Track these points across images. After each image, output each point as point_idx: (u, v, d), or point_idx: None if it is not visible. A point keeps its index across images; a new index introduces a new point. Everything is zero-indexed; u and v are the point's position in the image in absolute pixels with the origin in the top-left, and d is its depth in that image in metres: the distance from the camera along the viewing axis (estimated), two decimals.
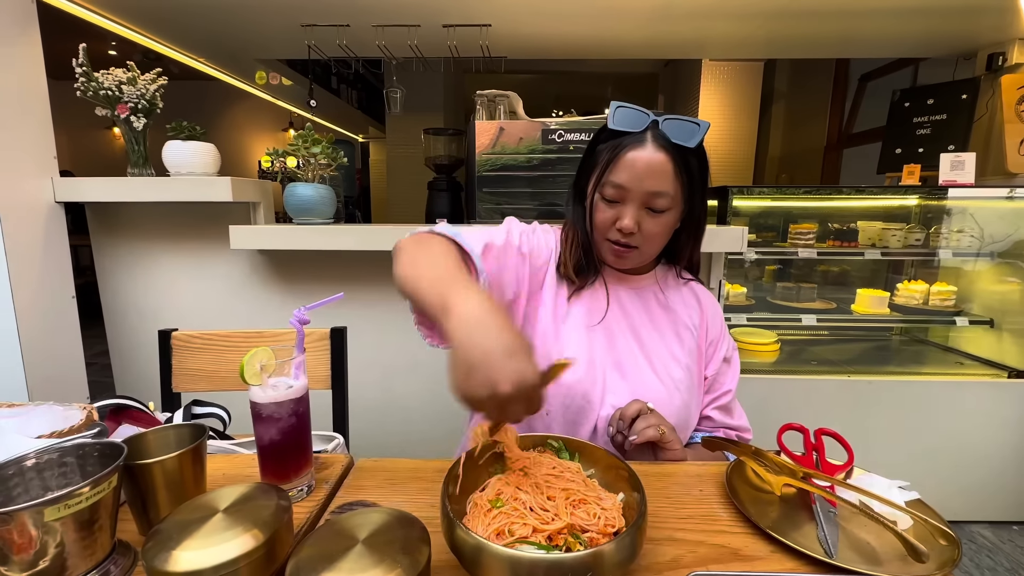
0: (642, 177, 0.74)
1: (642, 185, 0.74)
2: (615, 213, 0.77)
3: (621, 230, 0.76)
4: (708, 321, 0.90)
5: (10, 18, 1.39)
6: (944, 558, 0.50)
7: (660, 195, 0.74)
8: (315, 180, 1.59)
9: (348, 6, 1.82)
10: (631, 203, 0.75)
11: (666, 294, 0.89)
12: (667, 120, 0.75)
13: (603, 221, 0.78)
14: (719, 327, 0.92)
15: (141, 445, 0.57)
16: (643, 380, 0.81)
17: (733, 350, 0.93)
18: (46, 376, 1.48)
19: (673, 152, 0.74)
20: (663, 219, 0.77)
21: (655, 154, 0.73)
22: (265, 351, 0.59)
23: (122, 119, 1.51)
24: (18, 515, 0.40)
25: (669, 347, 0.85)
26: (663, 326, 0.87)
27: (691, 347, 0.87)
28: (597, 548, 0.43)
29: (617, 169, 0.75)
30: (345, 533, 0.44)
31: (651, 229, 0.77)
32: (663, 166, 0.74)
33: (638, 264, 0.84)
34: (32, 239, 1.45)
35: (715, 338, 0.91)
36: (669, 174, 0.74)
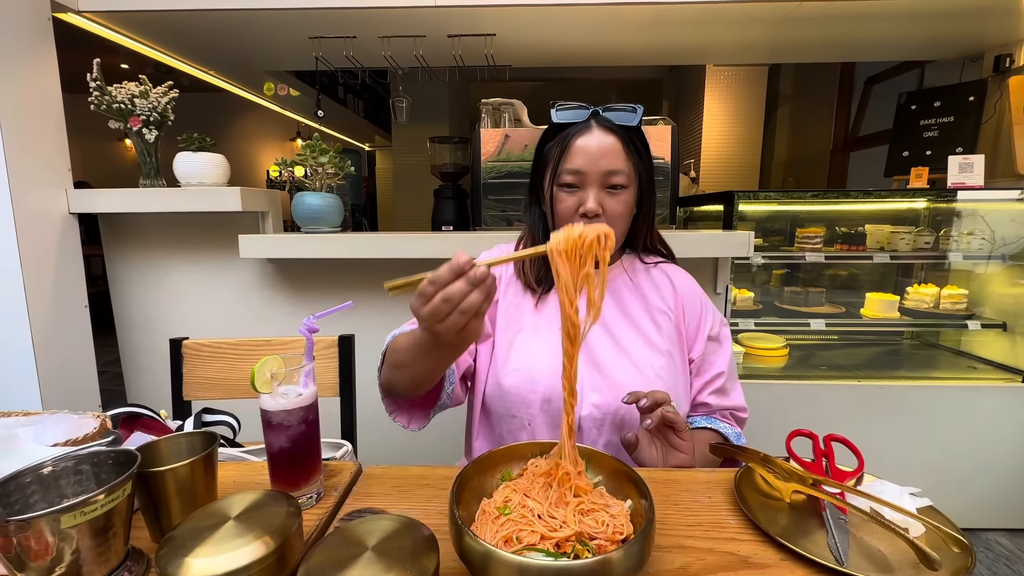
0: (596, 158, 0.77)
1: (598, 166, 0.77)
2: (576, 199, 0.79)
3: (586, 213, 0.78)
4: (684, 301, 0.89)
5: (28, 35, 1.43)
6: (957, 566, 0.50)
7: (616, 172, 0.78)
8: (323, 189, 1.61)
9: (355, 18, 1.85)
10: (591, 186, 0.78)
11: (635, 280, 0.89)
12: (606, 109, 0.81)
13: (566, 210, 0.80)
14: (698, 306, 0.90)
15: (154, 453, 0.58)
16: (621, 373, 0.81)
17: (721, 326, 0.91)
18: (59, 384, 1.50)
19: (619, 133, 0.79)
20: (623, 196, 0.79)
21: (604, 136, 0.79)
22: (275, 359, 0.60)
23: (134, 132, 1.54)
24: (36, 522, 0.41)
25: (645, 335, 0.85)
26: (636, 314, 0.86)
27: (669, 331, 0.86)
28: (605, 555, 0.43)
29: (570, 156, 0.79)
30: (355, 540, 0.45)
31: (614, 207, 0.79)
32: (613, 145, 0.78)
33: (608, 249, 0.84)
34: (47, 249, 1.48)
35: (695, 318, 0.89)
36: (620, 152, 0.79)
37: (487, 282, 0.51)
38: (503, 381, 0.82)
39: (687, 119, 4.36)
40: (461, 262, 0.51)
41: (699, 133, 4.07)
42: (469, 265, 0.51)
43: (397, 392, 0.75)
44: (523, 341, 0.84)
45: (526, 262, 0.88)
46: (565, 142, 0.80)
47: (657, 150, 1.68)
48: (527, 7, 1.70)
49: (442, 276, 0.51)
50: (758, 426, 1.76)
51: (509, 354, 0.84)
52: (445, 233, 1.75)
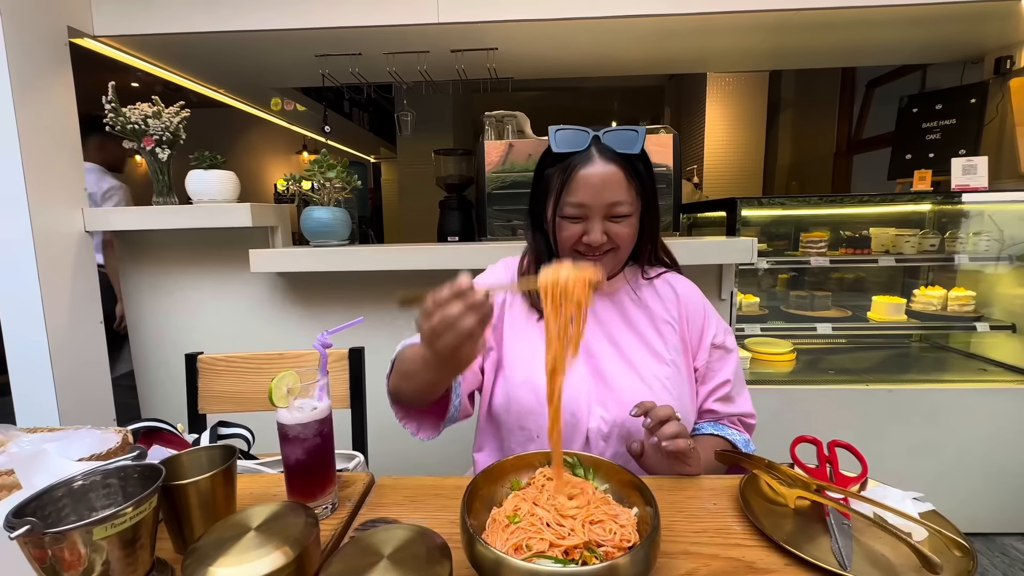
0: (599, 192, 0.77)
1: (601, 199, 0.77)
2: (580, 228, 0.80)
3: (590, 244, 0.79)
4: (688, 311, 0.90)
5: (46, 60, 1.48)
6: (959, 569, 0.51)
7: (619, 204, 0.78)
8: (330, 203, 1.64)
9: (360, 36, 1.89)
10: (594, 217, 0.79)
11: (639, 292, 0.90)
12: (607, 133, 0.80)
13: (569, 238, 0.81)
14: (701, 315, 0.90)
15: (176, 466, 0.60)
16: (628, 385, 0.82)
17: (725, 334, 0.91)
18: (75, 397, 1.53)
19: (621, 162, 0.79)
20: (627, 222, 0.80)
21: (606, 167, 0.78)
22: (291, 375, 0.62)
23: (147, 151, 1.59)
24: (70, 534, 0.43)
25: (650, 346, 0.86)
26: (641, 326, 0.87)
27: (674, 342, 0.87)
28: (612, 561, 0.44)
29: (573, 189, 0.78)
30: (370, 549, 0.46)
31: (619, 233, 0.79)
32: (615, 177, 0.78)
33: (613, 268, 0.85)
34: (63, 267, 1.52)
35: (698, 326, 0.90)
36: (623, 183, 0.78)
37: (484, 307, 0.54)
38: (513, 393, 0.83)
39: (689, 125, 4.38)
40: (462, 285, 0.54)
41: (702, 139, 4.09)
42: (469, 286, 0.54)
43: (404, 400, 0.77)
44: (531, 354, 0.85)
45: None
46: (567, 173, 0.79)
47: (659, 157, 1.70)
48: (528, 22, 1.73)
49: (443, 296, 0.54)
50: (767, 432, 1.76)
51: (516, 367, 0.85)
52: (451, 244, 1.78)
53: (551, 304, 0.56)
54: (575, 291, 0.55)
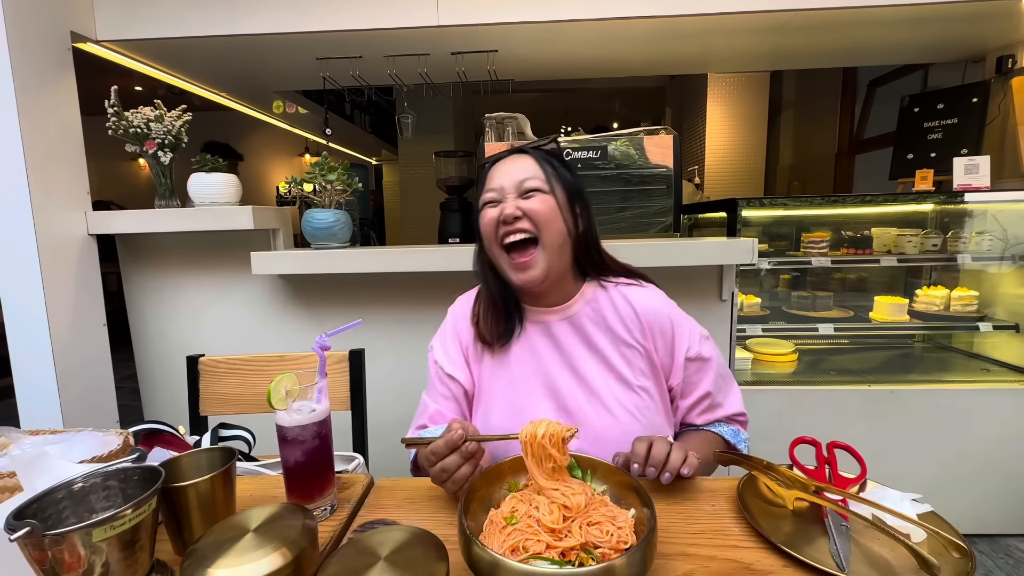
0: (509, 173, 0.82)
1: (511, 178, 0.81)
2: (497, 211, 0.80)
3: (505, 219, 0.79)
4: (653, 330, 0.84)
5: (49, 64, 1.49)
6: (958, 571, 0.50)
7: (529, 179, 0.80)
8: (331, 206, 1.65)
9: (361, 40, 1.90)
10: (507, 196, 0.81)
11: (598, 311, 0.85)
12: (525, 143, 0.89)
13: (489, 222, 0.81)
14: (669, 331, 0.84)
15: (176, 469, 0.61)
16: (592, 418, 0.80)
17: (701, 343, 0.85)
18: (79, 399, 1.54)
19: (532, 152, 0.85)
20: (540, 198, 0.80)
21: (517, 156, 0.85)
22: (290, 377, 0.63)
23: (150, 154, 1.60)
24: (69, 536, 0.44)
25: (616, 371, 0.82)
26: (605, 350, 0.83)
27: (642, 366, 0.83)
28: (609, 563, 0.44)
29: (490, 182, 0.84)
30: (368, 551, 0.47)
31: (533, 207, 0.79)
32: (525, 162, 0.83)
33: (546, 264, 0.80)
34: (67, 270, 1.53)
35: (666, 344, 0.84)
36: (533, 164, 0.82)
37: (476, 457, 0.64)
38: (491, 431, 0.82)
39: (690, 126, 4.38)
40: (454, 438, 0.62)
41: (702, 139, 4.09)
42: (462, 441, 0.62)
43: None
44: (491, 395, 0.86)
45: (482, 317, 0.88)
46: (486, 172, 0.86)
47: (660, 158, 1.70)
48: (528, 24, 1.74)
49: (440, 450, 0.63)
50: (768, 432, 1.76)
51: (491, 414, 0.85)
52: (452, 246, 1.78)
53: (531, 457, 0.60)
54: (549, 446, 0.59)
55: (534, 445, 0.59)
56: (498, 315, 0.87)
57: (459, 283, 0.98)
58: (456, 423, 0.64)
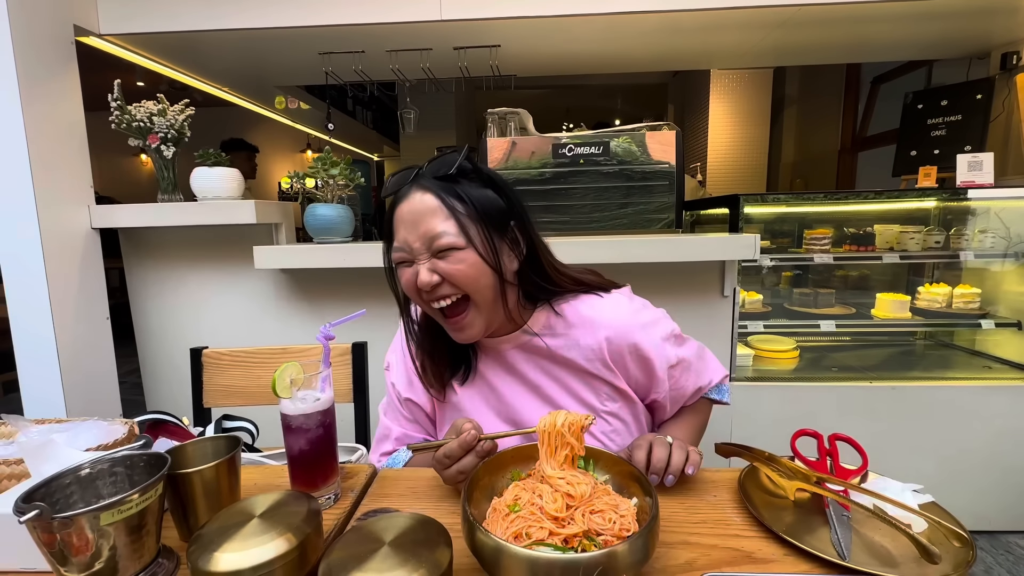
0: (413, 226, 0.67)
1: (417, 233, 0.67)
2: (412, 271, 0.69)
3: (422, 287, 0.68)
4: (616, 349, 0.77)
5: (52, 58, 1.50)
6: (958, 560, 0.51)
7: (438, 236, 0.66)
8: (334, 200, 1.65)
9: (363, 34, 1.90)
10: (419, 257, 0.68)
11: (553, 344, 0.77)
12: (428, 163, 0.72)
13: (407, 285, 0.70)
14: (635, 346, 0.77)
15: (181, 456, 0.61)
16: None
17: (676, 344, 0.80)
18: (82, 393, 1.55)
19: (436, 188, 0.68)
20: (459, 256, 0.67)
21: (419, 196, 0.68)
22: (294, 366, 0.63)
23: (153, 148, 1.60)
24: (77, 519, 0.44)
25: (581, 398, 0.79)
26: (566, 380, 0.79)
27: (607, 391, 0.79)
28: (611, 548, 0.45)
29: (394, 231, 0.70)
30: (372, 536, 0.47)
31: (451, 271, 0.67)
32: (428, 206, 0.67)
33: (485, 321, 0.72)
34: (70, 264, 1.54)
35: (640, 364, 0.78)
36: (439, 212, 0.67)
37: (492, 454, 0.63)
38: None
39: (693, 122, 4.37)
40: (468, 440, 0.61)
41: (705, 136, 4.08)
42: (476, 441, 0.62)
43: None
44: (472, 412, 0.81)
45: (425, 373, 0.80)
46: (389, 216, 0.71)
47: (662, 155, 1.70)
48: (531, 19, 1.74)
49: (454, 452, 0.62)
50: (769, 428, 1.77)
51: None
52: None
53: (547, 447, 0.60)
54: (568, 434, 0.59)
55: (553, 434, 0.59)
56: (445, 363, 0.80)
57: None
58: (467, 423, 0.62)
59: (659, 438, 0.69)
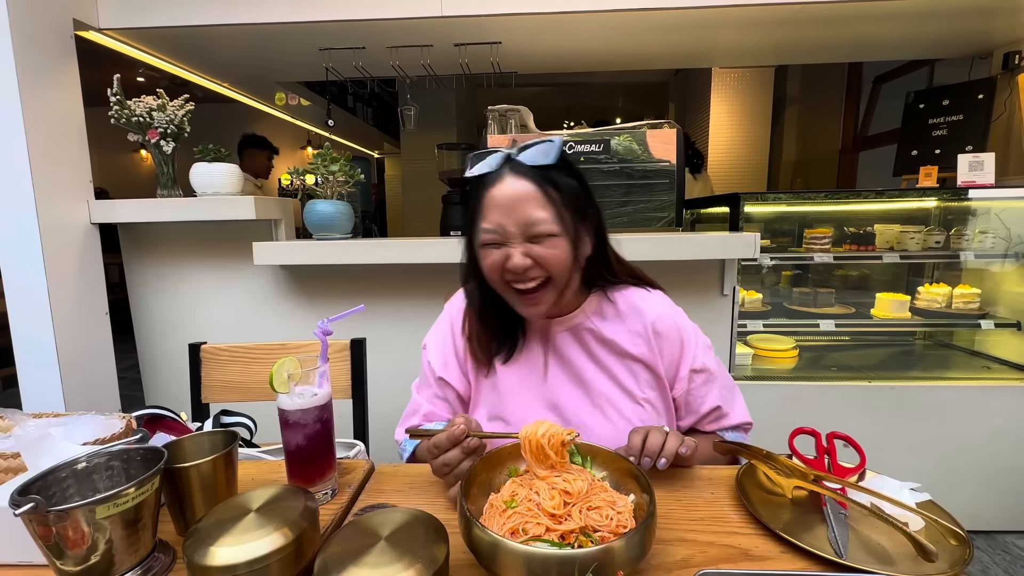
0: (511, 211, 0.70)
1: (515, 218, 0.70)
2: (502, 255, 0.71)
3: (513, 270, 0.70)
4: (660, 341, 0.81)
5: (52, 52, 1.49)
6: (955, 558, 0.51)
7: (536, 223, 0.69)
8: (334, 197, 1.65)
9: (363, 30, 1.89)
10: (513, 240, 0.71)
11: (603, 327, 0.81)
12: (520, 149, 0.73)
13: (492, 265, 0.72)
14: (677, 343, 0.82)
15: (178, 450, 0.61)
16: (593, 429, 0.79)
17: (705, 355, 0.83)
18: (81, 388, 1.55)
19: (533, 176, 0.71)
20: (553, 242, 0.70)
21: (516, 182, 0.71)
22: (292, 361, 0.63)
23: (152, 144, 1.60)
24: (73, 512, 0.44)
25: (620, 384, 0.81)
26: (608, 363, 0.81)
27: (647, 378, 0.81)
28: (607, 545, 0.45)
29: (485, 212, 0.72)
30: (369, 531, 0.47)
31: (544, 255, 0.70)
32: (528, 192, 0.70)
33: (554, 299, 0.75)
34: (69, 258, 1.54)
35: (674, 357, 0.82)
36: (537, 199, 0.70)
37: (478, 452, 0.63)
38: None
39: (694, 121, 4.36)
40: (456, 433, 0.61)
41: (706, 135, 4.07)
42: (464, 436, 0.62)
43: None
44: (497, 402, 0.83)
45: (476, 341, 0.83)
46: (479, 197, 0.73)
47: (663, 153, 1.69)
48: (531, 16, 1.73)
49: (442, 443, 0.62)
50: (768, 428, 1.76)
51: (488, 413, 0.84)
52: (453, 238, 1.78)
53: (531, 456, 0.59)
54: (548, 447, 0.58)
55: (533, 443, 0.58)
56: (495, 336, 0.82)
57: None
58: (460, 418, 0.63)
59: (657, 427, 0.70)
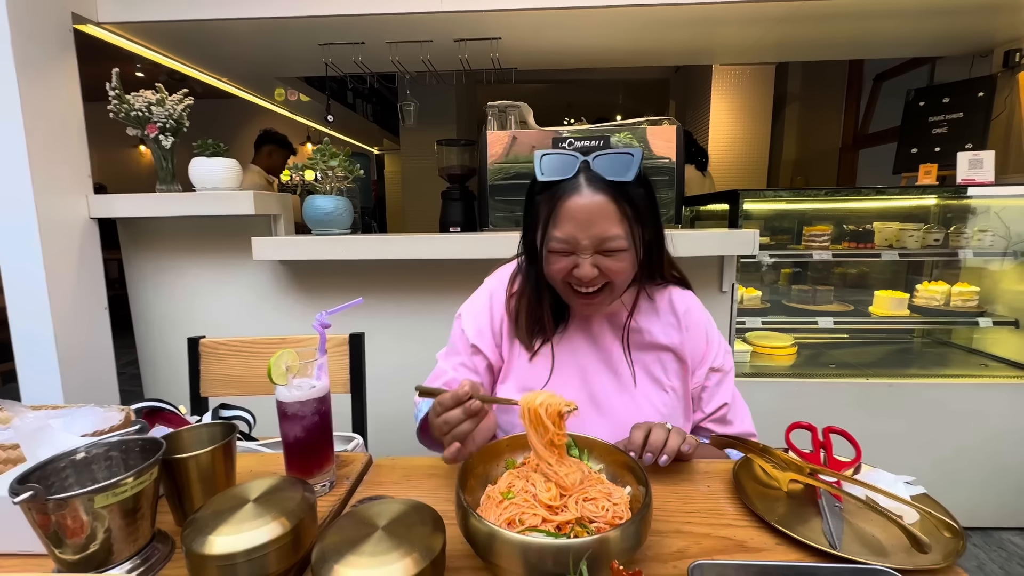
0: (586, 225, 0.70)
1: (589, 233, 0.70)
2: (570, 262, 0.73)
3: (580, 279, 0.73)
4: (689, 334, 0.85)
5: (51, 46, 1.49)
6: (948, 549, 0.51)
7: (610, 239, 0.71)
8: (333, 192, 1.65)
9: (363, 25, 1.89)
10: (583, 252, 0.71)
11: (639, 318, 0.84)
12: (597, 158, 0.73)
13: (559, 271, 0.74)
14: (703, 339, 0.86)
15: (177, 442, 0.61)
16: (620, 411, 0.81)
17: (724, 357, 0.87)
18: (80, 382, 1.55)
19: (612, 191, 0.71)
20: (621, 256, 0.72)
21: (594, 198, 0.70)
22: (290, 353, 0.63)
23: (151, 138, 1.59)
24: (72, 501, 0.45)
25: (650, 372, 0.84)
26: (641, 352, 0.84)
27: (675, 368, 0.85)
28: (602, 535, 0.45)
29: (559, 222, 0.72)
30: (366, 521, 0.47)
31: (612, 267, 0.72)
32: (604, 209, 0.70)
33: (612, 300, 0.79)
34: (68, 253, 1.54)
35: (700, 350, 0.86)
36: (613, 215, 0.70)
37: (479, 415, 0.62)
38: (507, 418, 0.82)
39: (694, 119, 4.36)
40: (461, 394, 0.60)
41: (706, 133, 4.06)
42: (467, 397, 0.61)
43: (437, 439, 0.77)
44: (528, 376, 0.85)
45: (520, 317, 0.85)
46: (553, 204, 0.72)
47: (663, 150, 1.69)
48: (531, 11, 1.72)
49: (446, 402, 0.61)
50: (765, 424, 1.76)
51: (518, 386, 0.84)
52: (453, 234, 1.78)
53: (531, 425, 0.60)
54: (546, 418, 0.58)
55: (532, 412, 0.59)
56: (541, 321, 0.83)
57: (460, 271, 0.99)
58: (467, 381, 0.62)
59: (659, 424, 0.71)
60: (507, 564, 0.45)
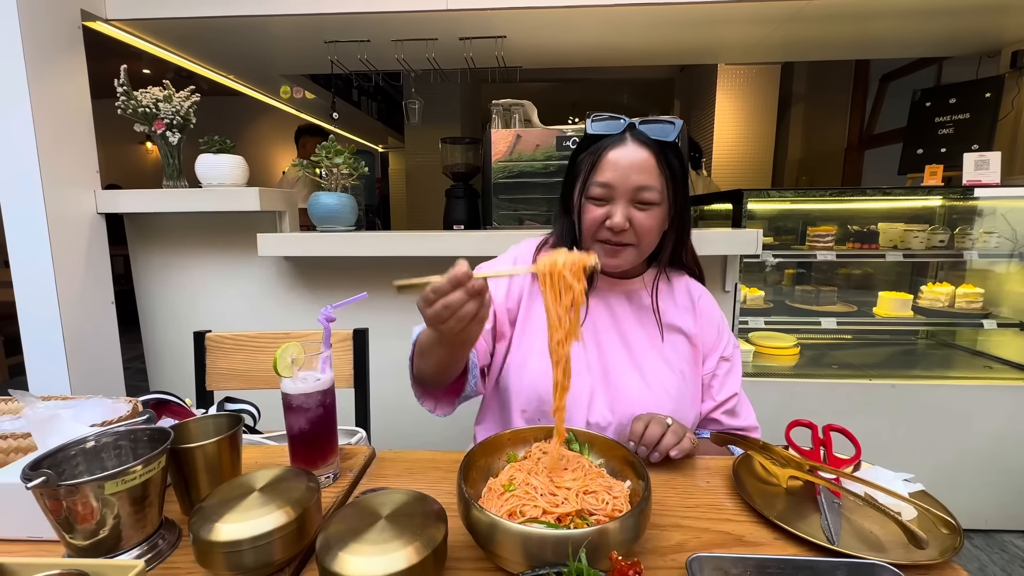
0: (627, 173, 0.76)
1: (628, 181, 0.76)
2: (604, 211, 0.78)
3: (612, 228, 0.77)
4: (703, 322, 0.89)
5: (60, 42, 1.50)
6: (945, 545, 0.51)
7: (647, 189, 0.76)
8: (338, 189, 1.66)
9: (369, 23, 1.90)
10: (619, 200, 0.77)
11: (657, 297, 0.88)
12: (644, 122, 0.79)
13: (593, 220, 0.78)
14: (715, 330, 0.89)
15: (184, 432, 0.62)
16: (630, 386, 0.82)
17: (734, 348, 0.91)
18: (87, 377, 1.57)
19: (654, 148, 0.77)
20: (653, 212, 0.77)
21: (638, 150, 0.76)
22: (296, 346, 0.64)
23: (158, 134, 1.61)
24: (83, 487, 0.46)
25: (661, 352, 0.85)
26: (654, 330, 0.86)
27: (686, 352, 0.87)
28: (602, 526, 0.46)
29: (601, 169, 0.77)
30: (369, 510, 0.48)
31: (643, 223, 0.77)
32: (646, 161, 0.76)
33: (632, 262, 0.82)
34: (76, 248, 1.55)
35: (712, 340, 0.89)
36: (653, 168, 0.76)
37: (483, 294, 0.57)
38: (519, 380, 0.83)
39: (699, 118, 4.34)
40: (459, 274, 0.55)
41: (711, 132, 4.05)
42: (467, 277, 0.55)
43: (427, 382, 0.78)
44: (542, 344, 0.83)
45: None
46: (597, 154, 0.78)
47: None
48: (537, 9, 1.73)
49: (443, 287, 0.56)
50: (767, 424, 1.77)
51: (528, 356, 0.84)
52: (457, 232, 1.79)
53: (550, 290, 0.57)
54: (570, 275, 0.56)
55: (554, 275, 0.56)
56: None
57: None
58: (462, 261, 0.57)
59: (659, 417, 0.72)
60: (507, 554, 0.46)
